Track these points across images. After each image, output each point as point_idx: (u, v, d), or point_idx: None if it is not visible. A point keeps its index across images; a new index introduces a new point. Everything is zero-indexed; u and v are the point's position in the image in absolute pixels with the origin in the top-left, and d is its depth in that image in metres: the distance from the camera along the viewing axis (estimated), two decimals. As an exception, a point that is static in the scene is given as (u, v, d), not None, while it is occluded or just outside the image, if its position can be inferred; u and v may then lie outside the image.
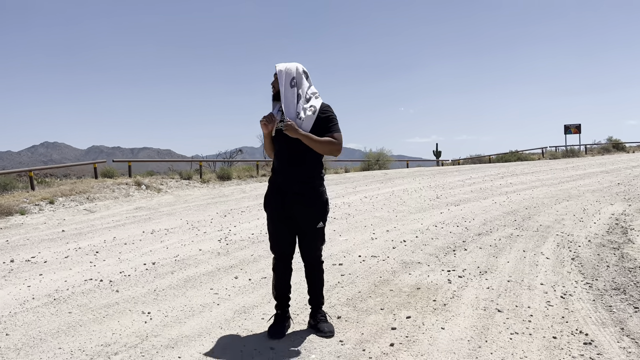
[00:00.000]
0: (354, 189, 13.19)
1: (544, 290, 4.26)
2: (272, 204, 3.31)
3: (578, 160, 25.11)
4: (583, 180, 13.71)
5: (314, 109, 3.25)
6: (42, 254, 6.15)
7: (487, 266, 5.05)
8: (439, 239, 6.44)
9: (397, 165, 25.92)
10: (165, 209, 10.62)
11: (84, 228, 8.25)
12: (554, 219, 7.71)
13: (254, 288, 4.46)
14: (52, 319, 3.81)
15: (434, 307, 3.83)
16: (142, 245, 6.48)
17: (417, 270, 4.93)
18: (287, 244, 3.33)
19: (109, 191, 13.86)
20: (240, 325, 3.56)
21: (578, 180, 13.76)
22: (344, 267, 5.06)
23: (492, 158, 30.24)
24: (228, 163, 20.62)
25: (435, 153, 32.17)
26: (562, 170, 17.69)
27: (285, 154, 3.25)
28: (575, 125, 33.13)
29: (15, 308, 4.10)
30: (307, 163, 3.26)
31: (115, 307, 4.04)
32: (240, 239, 6.72)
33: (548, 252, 5.65)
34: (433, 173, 18.75)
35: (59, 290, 4.57)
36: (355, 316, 3.66)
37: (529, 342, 3.16)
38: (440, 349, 3.07)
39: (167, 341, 3.30)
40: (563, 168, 18.69)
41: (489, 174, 17.06)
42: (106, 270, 5.24)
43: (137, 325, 3.60)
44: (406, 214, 8.55)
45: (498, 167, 21.03)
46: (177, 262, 5.47)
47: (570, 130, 33.07)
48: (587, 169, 17.51)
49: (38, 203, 11.78)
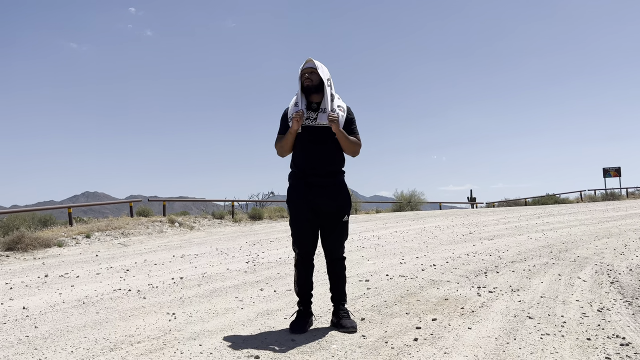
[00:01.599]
0: (385, 225, 13.08)
1: (579, 305, 4.07)
2: (297, 199, 3.34)
3: (619, 203, 24.21)
4: (625, 220, 13.19)
5: (342, 108, 3.35)
6: (75, 272, 6.30)
7: (519, 285, 4.87)
8: (470, 264, 6.27)
9: (429, 207, 25.59)
10: (197, 241, 10.75)
11: (117, 254, 8.43)
12: (592, 252, 7.41)
13: (279, 297, 4.43)
14: (80, 317, 3.88)
15: (462, 312, 3.71)
16: (171, 266, 6.56)
17: (445, 286, 4.80)
18: (310, 240, 3.34)
19: (143, 227, 14.16)
20: (263, 323, 3.54)
21: (619, 220, 13.25)
22: (370, 283, 4.98)
23: (527, 201, 29.50)
24: (260, 204, 20.83)
25: (469, 198, 31.68)
26: (602, 211, 17.08)
27: (313, 149, 3.29)
28: (614, 169, 32.12)
29: (45, 309, 4.20)
30: (333, 158, 3.32)
31: (141, 309, 4.08)
32: (268, 261, 6.72)
33: (585, 276, 5.41)
34: (467, 213, 18.43)
35: (88, 297, 4.66)
36: (379, 318, 3.58)
37: (561, 342, 3.01)
38: (466, 344, 2.96)
39: (189, 334, 3.30)
40: (603, 209, 18.05)
41: (525, 214, 16.64)
42: (135, 283, 5.31)
43: (162, 323, 3.62)
44: (437, 245, 8.39)
45: (534, 209, 20.49)
46: (204, 278, 5.50)
47: (609, 173, 32.05)
48: (629, 210, 16.86)
49: (75, 237, 12.13)
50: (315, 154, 3.28)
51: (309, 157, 3.30)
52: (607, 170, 32.32)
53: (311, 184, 3.29)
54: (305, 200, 3.29)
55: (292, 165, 3.42)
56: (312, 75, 3.30)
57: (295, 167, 3.40)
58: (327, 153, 3.30)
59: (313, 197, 3.28)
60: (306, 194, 3.29)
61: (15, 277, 6.12)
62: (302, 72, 3.33)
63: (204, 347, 3.01)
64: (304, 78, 3.31)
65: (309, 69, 3.31)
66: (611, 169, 32.18)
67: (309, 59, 3.32)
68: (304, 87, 3.31)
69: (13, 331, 3.55)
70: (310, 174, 3.30)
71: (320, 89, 3.30)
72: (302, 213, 3.31)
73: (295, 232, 3.37)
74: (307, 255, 3.36)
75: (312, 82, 3.30)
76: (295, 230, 3.36)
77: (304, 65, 3.35)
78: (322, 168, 3.29)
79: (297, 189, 3.35)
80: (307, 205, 3.29)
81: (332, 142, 3.29)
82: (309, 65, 3.32)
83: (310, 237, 3.33)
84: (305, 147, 3.31)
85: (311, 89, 3.30)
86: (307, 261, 3.37)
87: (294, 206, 3.35)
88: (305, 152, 3.31)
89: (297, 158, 3.37)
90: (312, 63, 3.31)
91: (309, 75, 3.30)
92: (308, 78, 3.30)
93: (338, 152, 3.34)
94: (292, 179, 3.41)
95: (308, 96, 3.32)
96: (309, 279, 3.39)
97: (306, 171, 3.31)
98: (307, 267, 3.37)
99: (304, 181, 3.32)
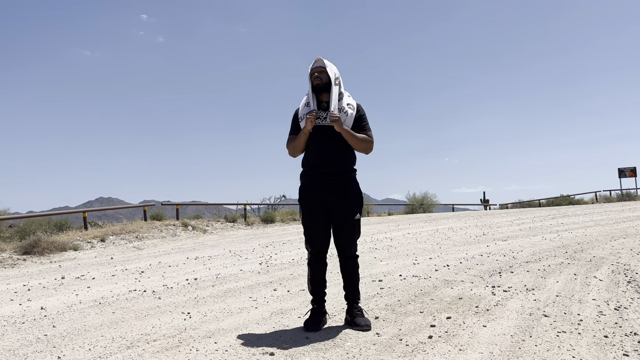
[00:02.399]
0: (397, 227, 13.04)
1: (596, 304, 4.02)
2: (309, 197, 3.35)
3: (635, 203, 23.87)
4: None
5: (352, 106, 3.35)
6: (91, 274, 6.38)
7: (534, 285, 4.83)
8: (484, 264, 6.24)
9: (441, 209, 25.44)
10: (210, 243, 10.82)
11: (132, 257, 8.51)
12: (609, 252, 7.32)
13: (292, 297, 4.44)
14: (96, 316, 3.92)
15: (476, 311, 3.69)
16: (185, 267, 6.61)
17: (459, 286, 4.78)
18: (323, 238, 3.34)
19: (157, 231, 14.28)
20: (277, 321, 3.55)
21: (636, 220, 13.07)
22: (383, 283, 4.97)
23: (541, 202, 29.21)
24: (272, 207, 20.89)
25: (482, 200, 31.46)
26: (618, 212, 16.86)
27: (324, 147, 3.30)
28: (630, 169, 31.65)
29: (62, 309, 4.25)
30: (344, 157, 3.33)
31: (157, 309, 4.12)
32: (281, 262, 6.75)
33: (602, 276, 5.35)
34: (480, 215, 18.30)
35: (104, 297, 4.71)
36: (393, 317, 3.58)
37: (578, 339, 2.99)
38: (481, 341, 2.95)
39: (204, 333, 3.32)
40: (619, 210, 17.82)
41: (539, 215, 16.48)
42: (150, 284, 5.36)
43: (177, 322, 3.65)
44: (450, 246, 8.35)
45: (548, 210, 20.28)
46: (218, 279, 5.54)
47: (625, 173, 31.60)
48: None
49: (90, 241, 12.27)
50: (327, 153, 3.29)
51: (321, 155, 3.30)
52: (622, 170, 31.87)
53: (323, 182, 3.30)
54: (318, 198, 3.30)
55: (304, 164, 3.43)
56: (322, 75, 3.32)
57: (306, 166, 3.41)
58: (339, 151, 3.30)
59: (325, 196, 3.29)
60: (318, 192, 3.30)
61: (33, 279, 6.21)
62: (311, 71, 3.35)
63: (219, 345, 3.03)
64: (313, 77, 3.32)
65: (318, 68, 3.33)
66: (627, 169, 31.73)
67: (318, 58, 3.34)
68: (314, 86, 3.32)
69: (32, 330, 3.60)
70: (322, 173, 3.30)
71: (329, 88, 3.31)
72: (315, 211, 3.32)
73: (307, 230, 3.37)
74: (319, 253, 3.37)
75: (321, 81, 3.31)
76: (308, 228, 3.36)
77: (313, 64, 3.36)
78: (333, 166, 3.30)
79: (309, 188, 3.36)
80: (319, 203, 3.30)
81: (343, 141, 3.30)
82: (318, 64, 3.34)
83: (322, 235, 3.34)
84: (317, 146, 3.32)
85: (321, 88, 3.31)
86: (320, 259, 3.38)
87: (306, 205, 3.36)
88: (317, 151, 3.32)
89: (309, 157, 3.38)
90: (322, 62, 3.33)
91: (318, 74, 3.32)
92: (317, 77, 3.31)
93: (349, 150, 3.35)
94: (304, 178, 3.42)
95: (318, 95, 3.34)
96: (322, 277, 3.40)
97: (318, 170, 3.32)
98: (320, 265, 3.38)
99: (315, 180, 3.33)
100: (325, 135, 3.29)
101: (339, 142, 3.30)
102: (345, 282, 3.43)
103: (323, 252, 3.37)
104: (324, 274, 3.41)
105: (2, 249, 9.72)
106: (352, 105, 3.36)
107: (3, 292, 5.41)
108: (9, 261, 8.64)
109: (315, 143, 3.33)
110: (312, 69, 3.35)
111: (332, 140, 3.29)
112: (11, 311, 4.34)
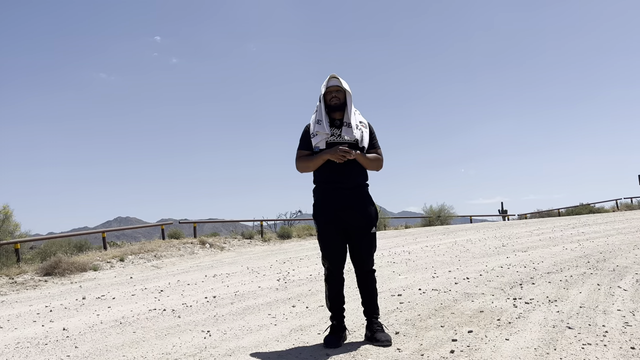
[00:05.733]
0: (415, 240, 12.94)
1: (621, 314, 3.94)
2: (323, 213, 3.35)
3: (658, 212, 23.38)
4: (664, 228, 12.73)
5: (364, 124, 3.38)
6: (111, 294, 6.44)
7: (556, 296, 4.75)
8: (504, 276, 6.15)
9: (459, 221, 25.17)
10: (228, 260, 10.85)
11: (151, 276, 8.57)
12: (632, 261, 7.17)
13: (311, 313, 4.43)
14: (118, 336, 3.95)
15: (498, 324, 3.64)
16: (204, 285, 6.63)
17: (480, 298, 4.71)
18: (339, 253, 3.33)
19: (175, 249, 14.36)
20: (297, 338, 3.54)
21: (659, 228, 12.79)
22: (403, 297, 4.93)
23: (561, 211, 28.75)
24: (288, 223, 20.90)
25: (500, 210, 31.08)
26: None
27: (337, 164, 3.31)
28: (651, 175, 31.03)
29: (84, 330, 4.29)
30: (358, 172, 3.35)
31: (177, 328, 4.13)
32: (299, 278, 6.73)
33: (626, 285, 5.24)
34: (499, 226, 18.08)
35: (125, 317, 4.75)
36: (414, 332, 3.54)
37: (604, 351, 2.92)
38: (504, 355, 2.90)
39: (224, 351, 3.33)
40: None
41: (559, 225, 16.23)
42: (169, 303, 5.39)
43: (197, 340, 3.66)
44: (469, 259, 8.25)
45: (568, 219, 19.96)
46: (237, 296, 5.54)
47: (646, 180, 30.98)
48: (668, 219, 16.27)
49: (109, 261, 12.39)
50: (340, 169, 3.30)
51: (334, 171, 3.31)
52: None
53: (338, 197, 3.30)
54: (333, 214, 3.30)
55: (318, 180, 3.43)
56: (339, 94, 3.32)
57: (321, 182, 3.41)
58: (352, 167, 3.32)
59: (340, 211, 3.29)
60: (333, 207, 3.31)
61: (55, 300, 6.28)
62: (327, 89, 3.34)
63: (240, 363, 3.03)
64: (330, 96, 3.32)
65: (334, 87, 3.32)
66: (647, 175, 31.10)
67: (332, 75, 3.33)
68: (331, 105, 3.32)
69: (54, 351, 3.64)
70: (337, 188, 3.31)
71: (343, 106, 3.33)
72: (330, 227, 3.32)
73: (324, 246, 3.37)
74: (337, 269, 3.36)
75: (339, 101, 3.31)
76: (324, 244, 3.36)
77: (328, 82, 3.34)
78: (347, 182, 3.31)
79: (324, 204, 3.36)
80: (335, 219, 3.30)
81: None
82: (335, 83, 3.32)
83: (339, 251, 3.33)
84: (331, 162, 3.31)
85: (336, 107, 3.32)
86: (337, 275, 3.37)
87: (322, 220, 3.36)
88: (331, 167, 3.32)
89: (324, 173, 3.37)
90: (338, 81, 3.31)
91: (335, 94, 3.32)
92: (335, 97, 3.31)
93: (362, 166, 3.37)
94: (318, 194, 3.42)
95: (330, 113, 3.34)
96: (340, 293, 3.38)
97: (333, 185, 3.33)
98: (337, 281, 3.37)
99: (330, 195, 3.33)
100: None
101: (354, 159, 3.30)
102: (364, 297, 3.41)
103: (340, 267, 3.36)
104: (342, 290, 3.39)
105: (24, 270, 9.86)
106: (365, 123, 3.40)
107: (26, 313, 5.48)
108: (30, 282, 8.77)
109: (330, 160, 3.33)
110: (329, 88, 3.33)
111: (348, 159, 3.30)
112: (34, 332, 4.40)
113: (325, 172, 3.36)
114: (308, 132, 3.40)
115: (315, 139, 3.31)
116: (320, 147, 3.32)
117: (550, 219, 22.02)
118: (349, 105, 3.31)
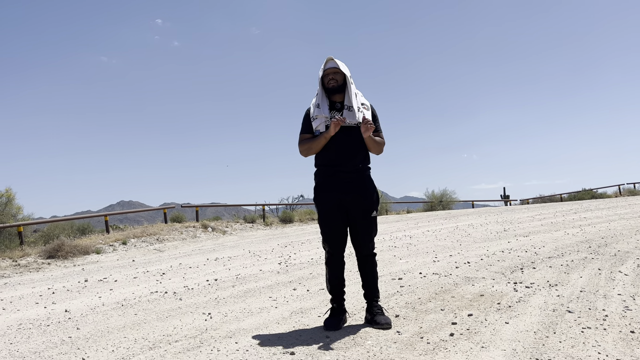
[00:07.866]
0: (416, 225, 12.96)
1: (621, 299, 3.94)
2: (324, 196, 3.34)
3: (661, 198, 23.34)
4: (667, 213, 12.69)
5: (366, 106, 3.34)
6: (113, 276, 6.47)
7: (557, 280, 4.75)
8: (505, 261, 6.15)
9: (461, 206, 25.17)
10: (230, 244, 10.89)
11: (153, 259, 8.61)
12: (634, 246, 7.16)
13: (312, 296, 4.44)
14: (119, 318, 3.98)
15: (498, 308, 3.65)
16: (205, 268, 6.66)
17: (480, 282, 4.72)
18: (340, 237, 3.33)
19: (178, 233, 14.42)
20: (297, 321, 3.55)
21: (661, 213, 12.76)
22: (403, 281, 4.94)
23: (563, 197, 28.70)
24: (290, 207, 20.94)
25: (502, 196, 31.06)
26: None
27: (339, 147, 3.29)
28: (654, 162, 30.94)
29: (86, 312, 4.32)
30: (361, 155, 3.33)
31: (178, 310, 4.16)
32: (300, 262, 6.75)
33: (627, 270, 5.24)
34: (500, 211, 18.08)
35: (126, 299, 4.77)
36: (414, 315, 3.55)
37: (603, 335, 2.93)
38: (504, 338, 2.91)
39: (225, 333, 3.34)
40: (643, 204, 17.42)
41: (561, 210, 16.21)
42: (171, 285, 5.42)
43: (198, 322, 3.68)
44: (471, 243, 8.26)
45: (570, 204, 19.94)
46: (238, 279, 5.57)
47: (649, 166, 30.88)
48: (671, 204, 16.23)
49: (112, 244, 12.45)
50: (342, 152, 3.28)
51: (336, 154, 3.29)
52: (646, 162, 31.12)
53: (340, 181, 3.29)
54: (334, 197, 3.29)
55: (319, 163, 3.41)
56: (336, 76, 3.28)
57: (322, 165, 3.39)
58: (354, 150, 3.30)
59: (341, 194, 3.28)
60: (335, 191, 3.29)
61: (57, 283, 6.33)
62: (324, 72, 3.30)
63: (240, 345, 3.05)
64: (328, 79, 3.29)
65: (332, 69, 3.28)
66: (651, 161, 30.97)
67: (329, 57, 3.28)
68: (330, 88, 3.29)
69: (57, 332, 3.67)
70: (339, 171, 3.29)
71: (343, 88, 3.29)
72: (332, 210, 3.31)
73: (324, 230, 3.37)
74: (337, 252, 3.36)
75: (337, 83, 3.28)
76: (325, 227, 3.36)
77: (325, 65, 3.30)
78: (349, 165, 3.29)
79: (326, 187, 3.35)
80: (336, 202, 3.29)
81: (358, 140, 3.29)
82: (332, 65, 3.28)
83: (339, 234, 3.33)
84: (332, 146, 3.30)
85: (335, 89, 3.29)
86: (337, 258, 3.37)
87: (323, 204, 3.35)
88: (332, 150, 3.30)
89: (326, 156, 3.35)
90: (334, 62, 3.27)
91: (333, 75, 3.28)
92: (333, 79, 3.28)
93: (364, 149, 3.34)
94: (320, 177, 3.40)
95: (330, 96, 3.31)
96: (341, 276, 3.38)
97: (335, 168, 3.31)
98: (338, 264, 3.37)
99: (332, 178, 3.32)
100: (342, 134, 3.28)
101: (355, 141, 3.29)
102: (364, 281, 3.41)
103: (341, 251, 3.36)
104: (342, 273, 3.40)
105: (27, 253, 9.92)
106: (367, 105, 3.36)
107: (28, 295, 5.52)
108: (34, 265, 8.83)
109: (332, 143, 3.31)
110: (326, 70, 3.30)
111: (348, 139, 3.28)
112: (36, 314, 4.43)
113: (329, 155, 3.33)
114: (309, 116, 3.37)
115: (316, 122, 3.29)
116: (320, 130, 3.30)
117: (553, 204, 22.00)
118: (349, 87, 3.27)
